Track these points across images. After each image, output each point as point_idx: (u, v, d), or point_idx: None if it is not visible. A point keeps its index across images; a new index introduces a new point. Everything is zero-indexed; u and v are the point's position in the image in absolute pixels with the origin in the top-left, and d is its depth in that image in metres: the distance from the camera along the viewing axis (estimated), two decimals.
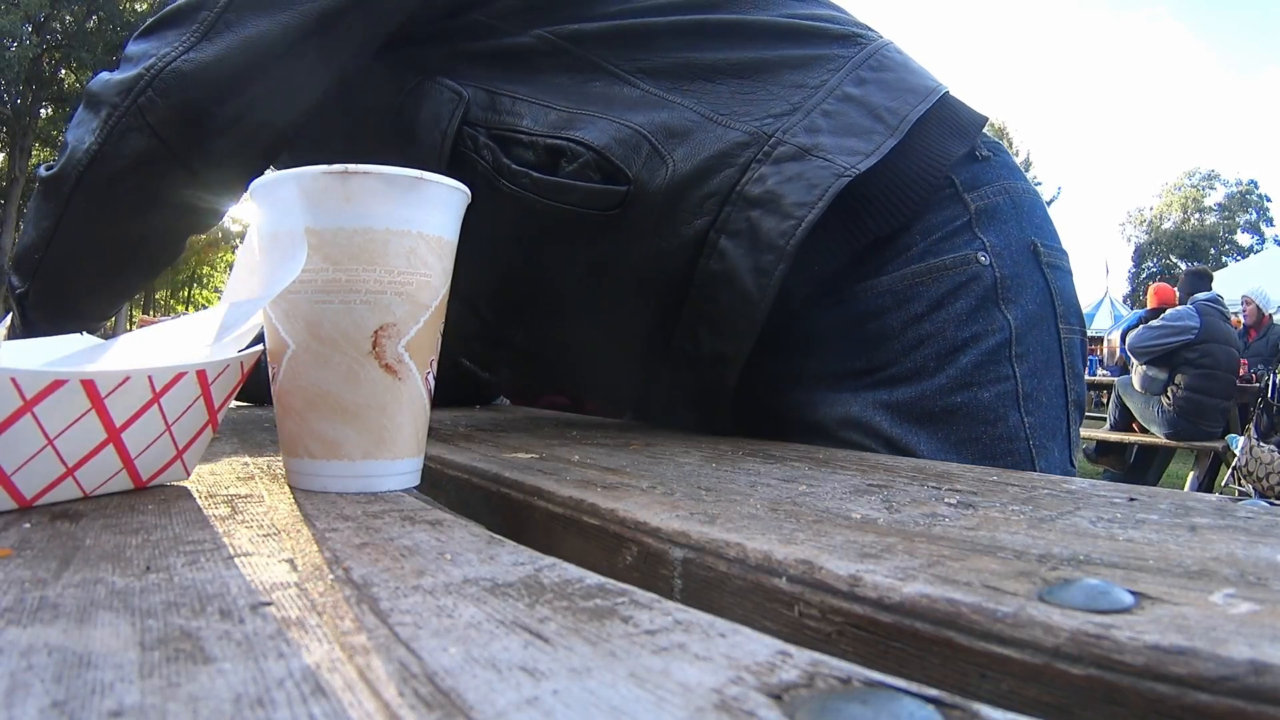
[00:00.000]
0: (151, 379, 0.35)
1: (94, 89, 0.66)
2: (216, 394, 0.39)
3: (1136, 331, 4.14)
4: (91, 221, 0.69)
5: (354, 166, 0.39)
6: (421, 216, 0.40)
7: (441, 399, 0.56)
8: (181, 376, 0.36)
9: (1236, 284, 6.82)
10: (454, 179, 0.42)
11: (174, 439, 0.38)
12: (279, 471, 0.46)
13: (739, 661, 0.18)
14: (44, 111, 17.84)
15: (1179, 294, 4.62)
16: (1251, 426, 3.84)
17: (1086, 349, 0.75)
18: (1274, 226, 33.56)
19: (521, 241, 0.70)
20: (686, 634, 0.20)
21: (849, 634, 0.24)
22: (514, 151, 0.67)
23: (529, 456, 0.52)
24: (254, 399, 1.02)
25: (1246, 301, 5.38)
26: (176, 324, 0.44)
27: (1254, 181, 34.62)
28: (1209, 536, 0.30)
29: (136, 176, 0.66)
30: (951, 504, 0.37)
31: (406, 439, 0.41)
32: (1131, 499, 0.38)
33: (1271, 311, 5.71)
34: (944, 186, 0.68)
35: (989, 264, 0.66)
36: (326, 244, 0.39)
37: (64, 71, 17.71)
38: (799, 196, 0.61)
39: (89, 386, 0.32)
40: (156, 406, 0.36)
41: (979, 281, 0.66)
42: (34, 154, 17.74)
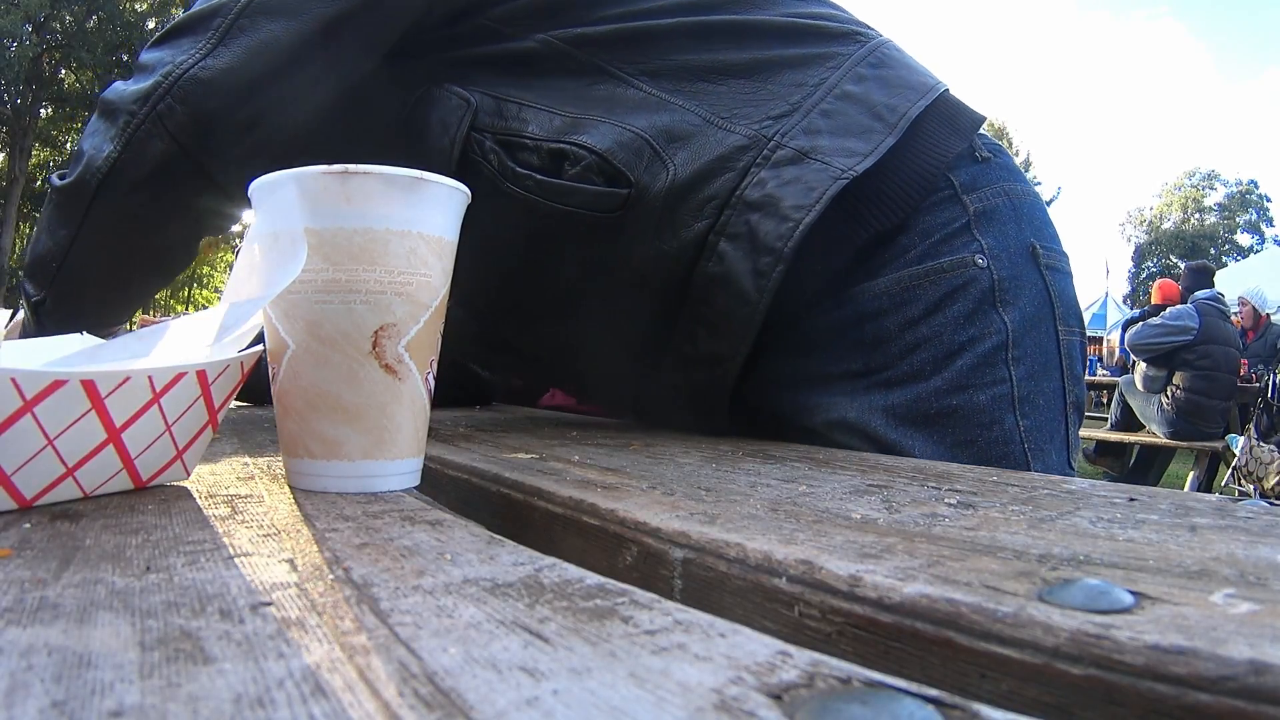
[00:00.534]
0: (151, 379, 0.35)
1: (109, 98, 0.66)
2: (216, 394, 0.39)
3: (1136, 328, 4.14)
4: (111, 229, 0.69)
5: (354, 166, 0.39)
6: (421, 216, 0.40)
7: (441, 399, 0.56)
8: (181, 376, 0.36)
9: (1236, 284, 6.82)
10: (459, 181, 0.42)
11: (174, 439, 0.38)
12: (279, 471, 0.46)
13: (739, 661, 0.18)
14: (44, 111, 17.85)
15: (1181, 290, 4.62)
16: (1251, 426, 3.84)
17: (1086, 351, 0.75)
18: (1274, 226, 33.57)
19: (524, 243, 0.71)
20: (686, 634, 0.20)
21: (849, 634, 0.24)
22: (519, 155, 0.68)
23: (529, 457, 0.52)
24: (254, 399, 1.02)
25: (1242, 303, 5.38)
26: (176, 324, 0.44)
27: (1254, 181, 34.63)
28: (1209, 536, 0.30)
29: (156, 184, 0.66)
30: (951, 504, 0.37)
31: (406, 439, 0.41)
32: (1131, 499, 0.39)
33: (1269, 311, 5.71)
34: (943, 187, 0.68)
35: (986, 266, 0.66)
36: (326, 244, 0.39)
37: (64, 71, 17.72)
38: (797, 199, 0.61)
39: (89, 386, 0.32)
40: (156, 406, 0.36)
41: (976, 284, 0.66)
42: (34, 154, 17.74)
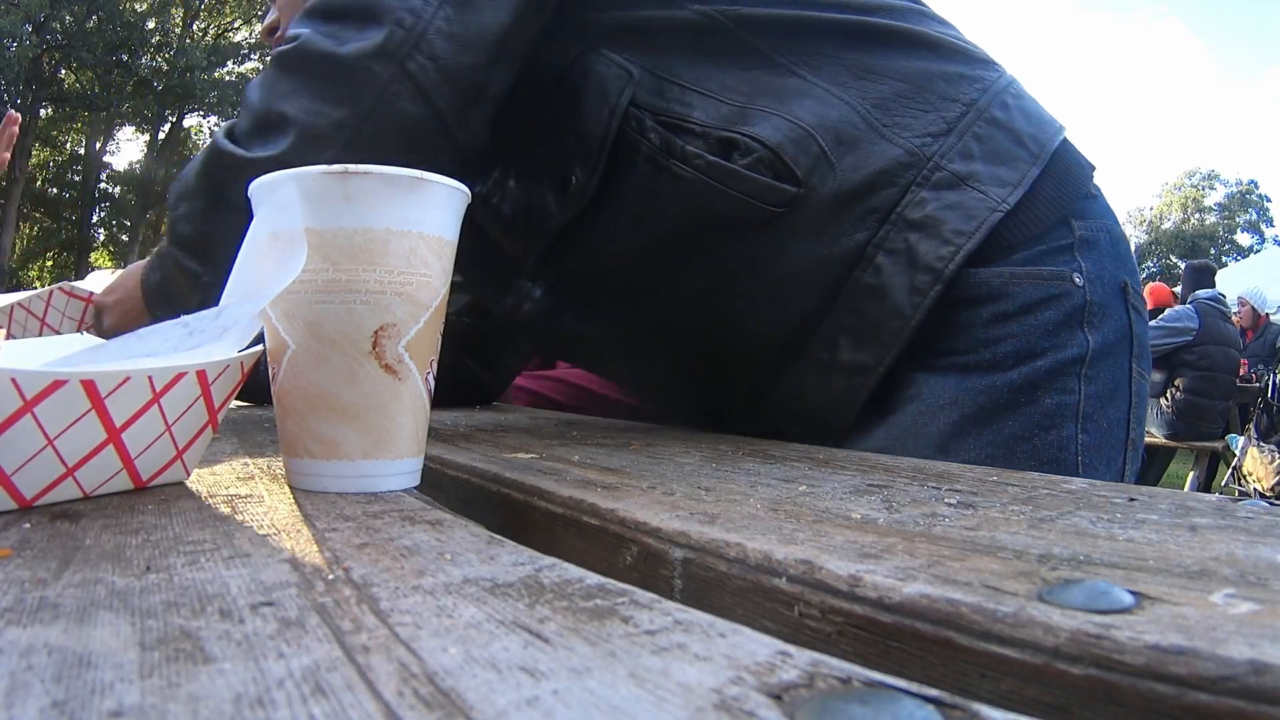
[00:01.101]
0: (151, 379, 0.35)
1: (315, 50, 0.60)
2: (216, 394, 0.39)
3: None
4: None
5: (354, 166, 0.39)
6: (422, 216, 0.40)
7: (442, 400, 0.57)
8: (181, 376, 0.36)
9: (1237, 284, 6.83)
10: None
11: (174, 439, 0.38)
12: (279, 471, 0.46)
13: (739, 661, 0.18)
14: (44, 111, 17.84)
15: (1181, 289, 4.62)
16: (1251, 426, 3.84)
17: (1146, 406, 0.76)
18: (1274, 226, 33.57)
19: (675, 227, 0.69)
20: (686, 634, 0.20)
21: (849, 634, 0.24)
22: (684, 138, 0.66)
23: (529, 456, 0.52)
24: (254, 399, 1.02)
25: (1241, 303, 5.39)
26: (176, 324, 0.44)
27: (1254, 181, 34.63)
28: (1209, 536, 0.30)
29: (402, 150, 0.61)
30: (951, 504, 0.37)
31: (406, 439, 0.41)
32: (1131, 499, 0.39)
33: (1268, 311, 5.72)
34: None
35: (1082, 286, 0.68)
36: (326, 244, 0.39)
37: (64, 71, 17.72)
38: (958, 225, 0.64)
39: (89, 386, 0.32)
40: (156, 406, 0.36)
41: (1069, 299, 0.67)
42: (34, 154, 17.74)
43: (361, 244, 0.39)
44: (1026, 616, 0.21)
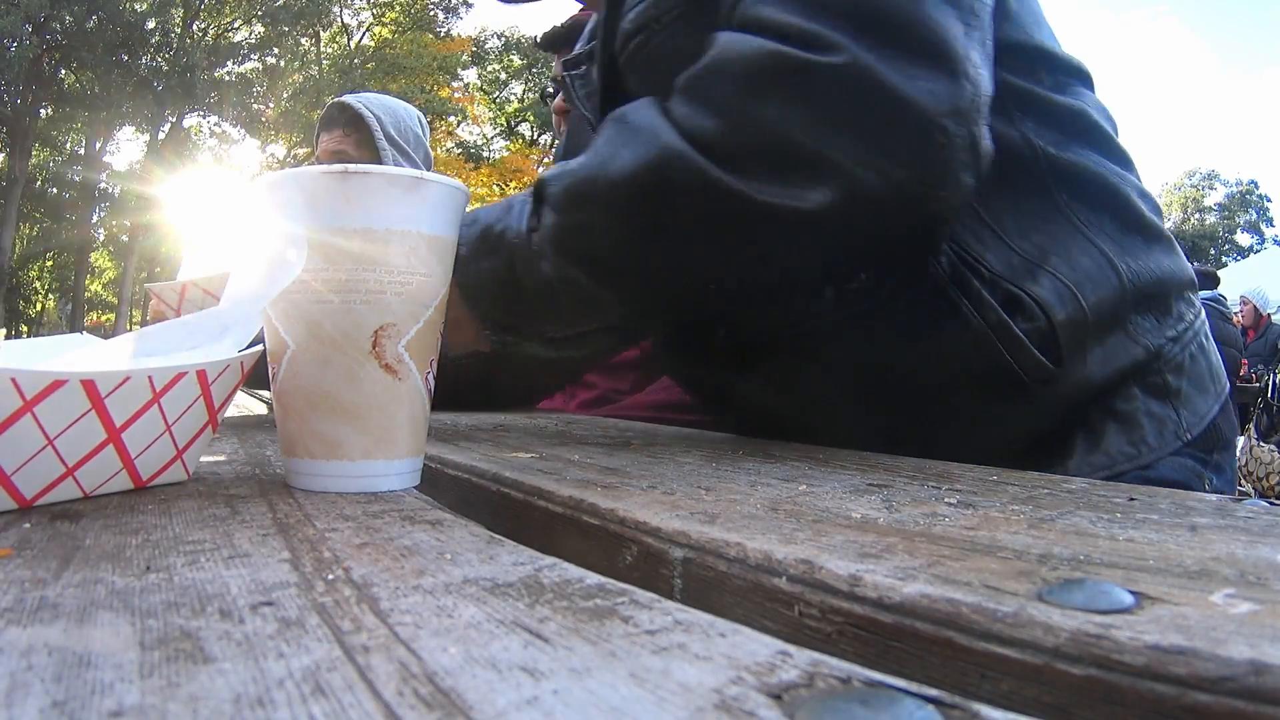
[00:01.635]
0: (151, 379, 0.35)
1: (873, 81, 0.47)
2: (216, 394, 0.39)
3: None
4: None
5: (354, 166, 0.39)
6: (422, 216, 0.40)
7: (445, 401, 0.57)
8: (181, 376, 0.36)
9: (1237, 284, 6.83)
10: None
11: (174, 439, 0.38)
12: (279, 471, 0.46)
13: (739, 661, 0.18)
14: (44, 111, 17.85)
15: None
16: (1251, 426, 3.84)
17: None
18: (1274, 226, 33.56)
19: (937, 365, 0.64)
20: (686, 634, 0.20)
21: (849, 634, 0.24)
22: (977, 279, 0.61)
23: (529, 456, 0.52)
24: (263, 385, 1.01)
25: (1244, 302, 5.39)
26: (176, 324, 0.44)
27: (1254, 181, 34.62)
28: (1209, 536, 0.30)
29: (922, 236, 0.57)
30: (951, 504, 0.37)
31: (406, 439, 0.41)
32: (1131, 499, 0.38)
33: (1270, 311, 5.71)
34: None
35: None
36: (326, 244, 0.39)
37: (64, 71, 17.72)
38: (1150, 438, 0.64)
39: (89, 386, 0.32)
40: (156, 406, 0.36)
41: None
42: (34, 154, 17.75)
43: (362, 244, 0.39)
44: (1026, 616, 0.21)
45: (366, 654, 0.19)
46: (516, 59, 23.44)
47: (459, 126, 22.75)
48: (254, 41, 19.60)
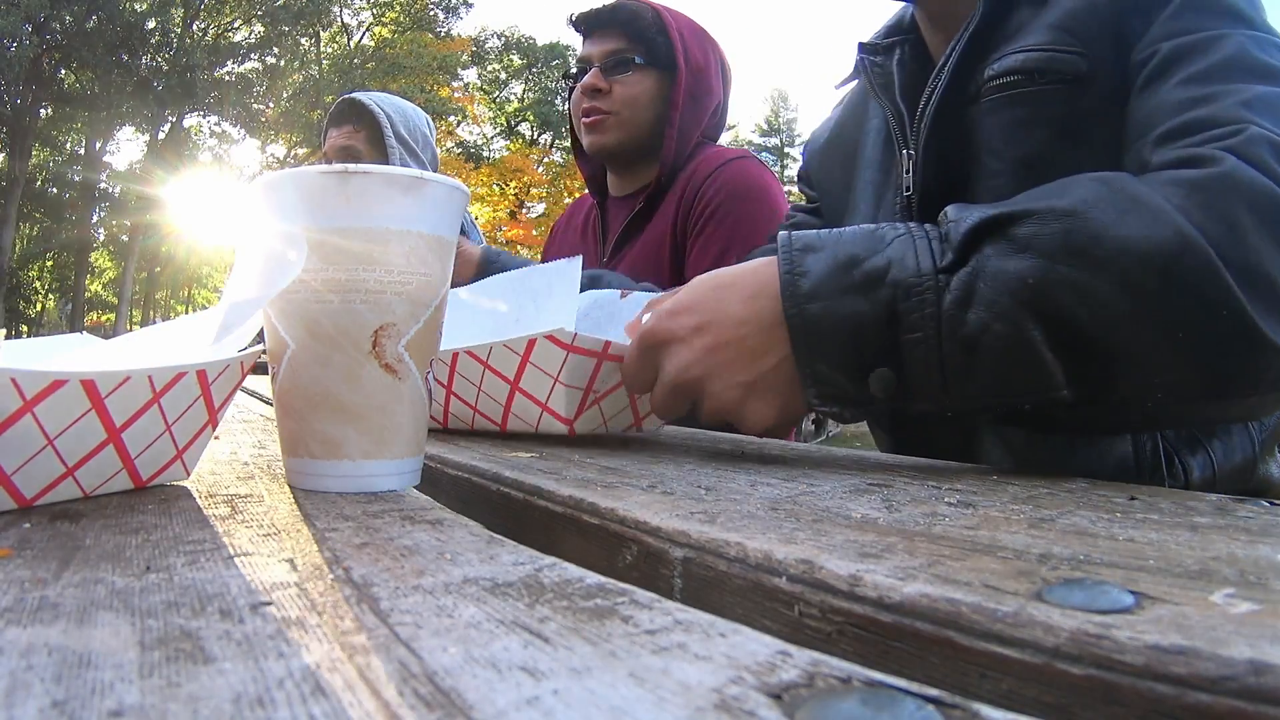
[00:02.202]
0: (151, 379, 0.35)
1: None
2: (216, 394, 0.39)
3: None
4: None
5: (354, 166, 0.39)
6: (422, 216, 0.40)
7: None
8: (181, 376, 0.36)
9: None
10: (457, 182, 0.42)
11: (174, 439, 0.38)
12: (279, 471, 0.46)
13: (739, 661, 0.18)
14: (44, 111, 17.85)
15: None
16: None
17: None
18: None
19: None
20: (687, 634, 0.20)
21: (849, 634, 0.24)
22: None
23: (529, 456, 0.52)
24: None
25: None
26: (176, 324, 0.44)
27: None
28: (1209, 536, 0.30)
29: None
30: (951, 503, 0.37)
31: (407, 439, 0.41)
32: (1132, 498, 0.39)
33: None
34: None
35: None
36: (326, 244, 0.39)
37: (64, 71, 17.72)
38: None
39: (89, 386, 0.32)
40: (156, 406, 0.36)
41: None
42: (34, 154, 17.75)
43: (362, 244, 0.39)
44: (1026, 616, 0.21)
45: (366, 654, 0.19)
46: (516, 59, 23.45)
47: (459, 126, 22.75)
48: (254, 41, 19.59)
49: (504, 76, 23.71)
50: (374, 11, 20.85)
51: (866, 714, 0.16)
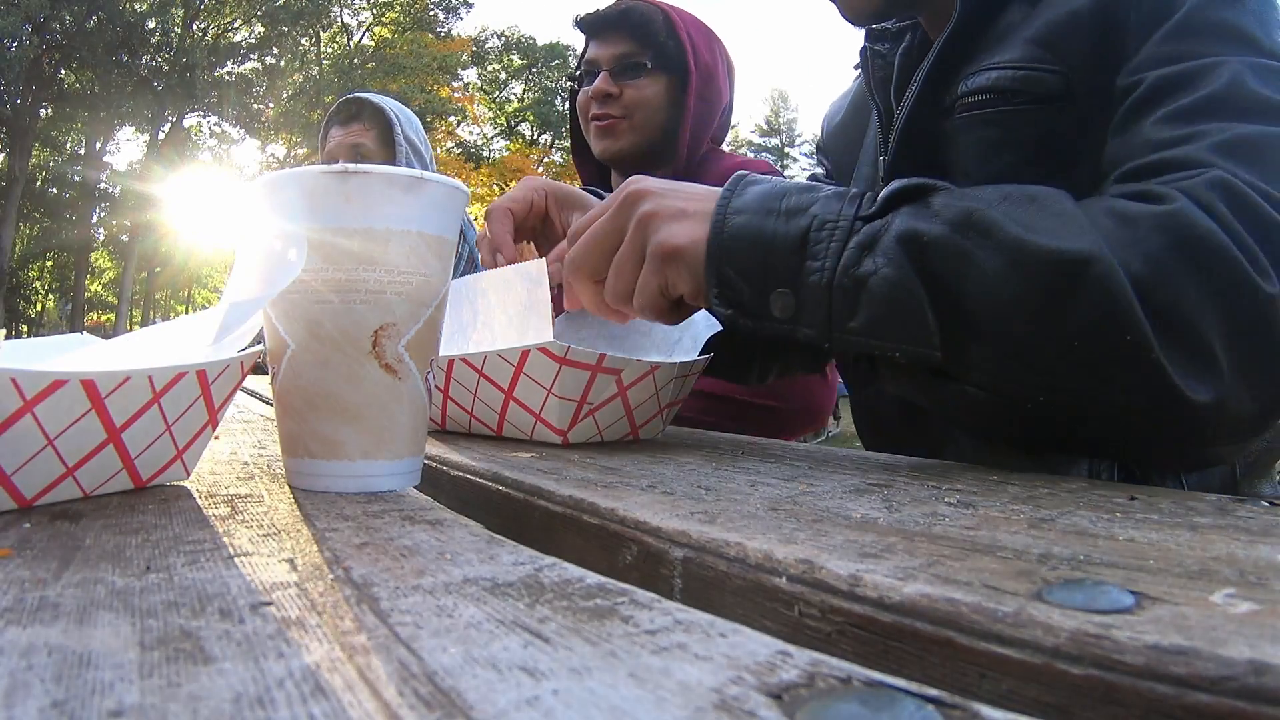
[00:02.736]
0: (151, 379, 0.35)
1: None
2: (216, 394, 0.39)
3: None
4: None
5: (354, 166, 0.39)
6: (422, 216, 0.40)
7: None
8: (181, 376, 0.36)
9: None
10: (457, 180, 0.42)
11: (174, 439, 0.38)
12: (279, 471, 0.46)
13: (739, 661, 0.18)
14: (44, 111, 17.84)
15: None
16: None
17: None
18: None
19: None
20: (687, 634, 0.20)
21: (849, 634, 0.24)
22: None
23: (529, 456, 0.52)
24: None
25: None
26: (176, 324, 0.44)
27: None
28: (1209, 536, 0.30)
29: None
30: (951, 504, 0.37)
31: (406, 439, 0.41)
32: (1132, 498, 0.39)
33: None
34: None
35: None
36: (326, 244, 0.39)
37: (64, 71, 17.71)
38: None
39: (89, 386, 0.32)
40: (156, 406, 0.36)
41: None
42: (34, 154, 17.75)
43: (362, 243, 0.39)
44: (1026, 616, 0.21)
45: (366, 654, 0.19)
46: (516, 59, 23.45)
47: (459, 126, 22.75)
48: (254, 41, 19.60)
49: (504, 76, 23.72)
50: (374, 11, 20.85)
51: (866, 714, 0.16)
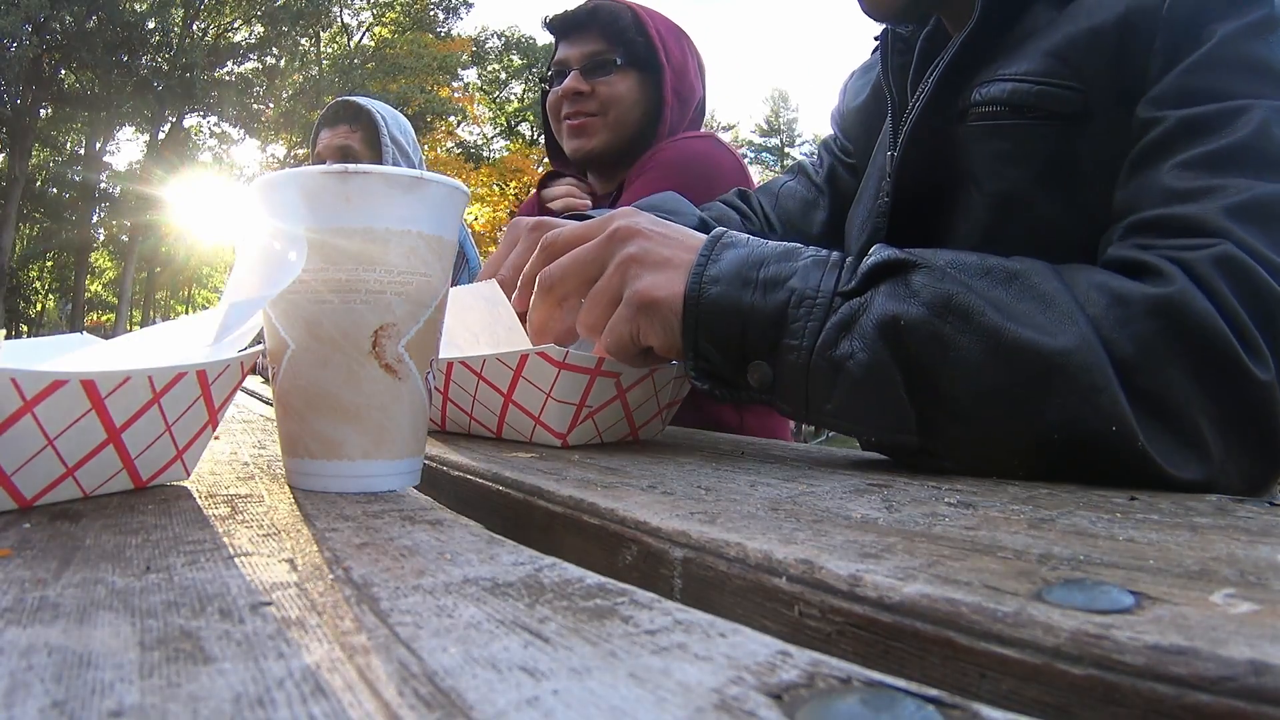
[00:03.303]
0: (151, 379, 0.35)
1: None
2: (216, 394, 0.39)
3: None
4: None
5: (354, 166, 0.39)
6: (422, 216, 0.40)
7: None
8: (181, 376, 0.36)
9: None
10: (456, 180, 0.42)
11: (174, 439, 0.38)
12: (279, 471, 0.46)
13: (739, 661, 0.18)
14: (44, 111, 17.84)
15: None
16: None
17: None
18: None
19: None
20: (687, 634, 0.20)
21: (849, 634, 0.24)
22: None
23: (529, 456, 0.52)
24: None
25: None
26: (176, 324, 0.44)
27: None
28: (1209, 536, 0.30)
29: None
30: (951, 504, 0.37)
31: (406, 439, 0.41)
32: (1132, 498, 0.39)
33: None
34: None
35: None
36: (326, 244, 0.39)
37: (64, 71, 17.71)
38: None
39: (89, 386, 0.32)
40: (156, 406, 0.36)
41: None
42: (34, 154, 17.75)
43: (361, 244, 0.39)
44: (1026, 616, 0.21)
45: (366, 654, 0.19)
46: (516, 59, 23.45)
47: (459, 126, 22.75)
48: (254, 41, 19.60)
49: (504, 76, 23.71)
50: (374, 11, 20.85)
51: (866, 714, 0.16)
